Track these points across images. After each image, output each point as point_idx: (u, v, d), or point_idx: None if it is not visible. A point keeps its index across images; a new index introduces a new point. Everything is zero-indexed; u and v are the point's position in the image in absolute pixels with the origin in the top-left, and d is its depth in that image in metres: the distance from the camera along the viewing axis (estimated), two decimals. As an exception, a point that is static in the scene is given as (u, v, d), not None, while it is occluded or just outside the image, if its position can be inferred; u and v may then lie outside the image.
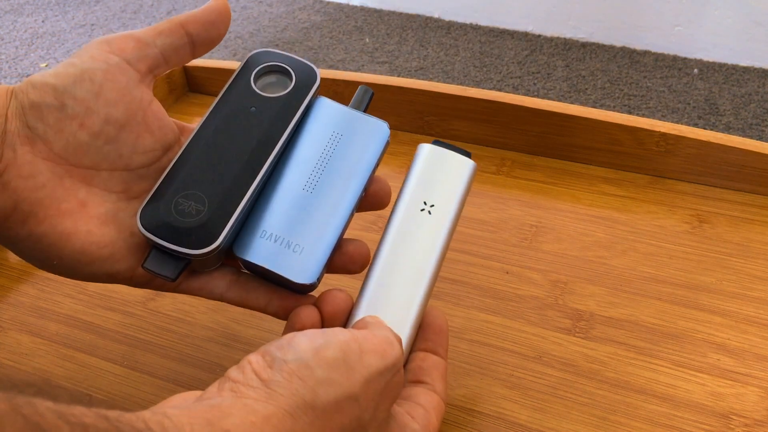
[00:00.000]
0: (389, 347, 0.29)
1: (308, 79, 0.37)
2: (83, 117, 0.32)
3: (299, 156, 0.36)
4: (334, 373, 0.26)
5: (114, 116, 0.33)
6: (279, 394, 0.25)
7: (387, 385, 0.28)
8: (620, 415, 0.37)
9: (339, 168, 0.35)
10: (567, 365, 0.40)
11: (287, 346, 0.27)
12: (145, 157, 0.34)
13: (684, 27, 1.85)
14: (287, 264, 0.33)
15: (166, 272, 0.33)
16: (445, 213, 0.36)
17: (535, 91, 1.73)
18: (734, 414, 0.37)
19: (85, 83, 0.32)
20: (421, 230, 0.36)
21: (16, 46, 2.01)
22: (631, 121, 0.54)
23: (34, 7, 2.26)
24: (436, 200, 0.36)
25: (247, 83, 0.36)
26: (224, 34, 0.36)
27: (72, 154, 0.32)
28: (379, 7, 2.20)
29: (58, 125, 0.32)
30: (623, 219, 0.51)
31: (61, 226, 0.32)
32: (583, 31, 1.97)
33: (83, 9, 2.25)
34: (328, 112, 0.37)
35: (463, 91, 0.58)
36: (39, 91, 0.32)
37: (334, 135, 0.36)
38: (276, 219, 0.34)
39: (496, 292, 0.45)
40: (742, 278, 0.45)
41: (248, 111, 0.36)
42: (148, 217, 0.33)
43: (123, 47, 0.34)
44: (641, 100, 1.68)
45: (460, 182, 0.37)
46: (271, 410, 0.25)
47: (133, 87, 0.34)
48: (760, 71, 1.79)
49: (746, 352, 0.41)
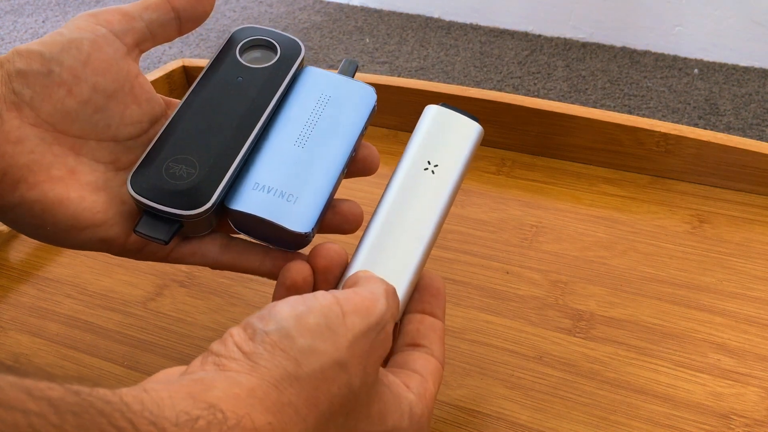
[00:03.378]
0: (372, 304, 0.28)
1: (293, 51, 0.37)
2: (71, 84, 0.33)
3: (289, 116, 0.36)
4: (317, 341, 0.26)
5: (102, 85, 0.33)
6: (262, 366, 0.25)
7: (372, 345, 0.27)
8: (620, 415, 0.37)
9: (328, 126, 0.36)
10: (567, 365, 0.40)
11: (268, 317, 0.26)
12: (133, 129, 0.35)
13: (684, 27, 1.85)
14: (281, 212, 0.33)
15: (158, 235, 0.32)
16: (448, 173, 0.36)
17: (535, 92, 1.73)
18: (734, 414, 0.37)
19: (73, 51, 0.33)
20: (423, 189, 0.35)
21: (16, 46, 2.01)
22: (632, 121, 0.54)
23: (34, 8, 2.26)
24: (440, 160, 0.36)
25: (233, 56, 0.37)
26: (210, 11, 0.36)
27: (60, 121, 0.33)
28: (380, 7, 2.20)
29: (46, 91, 0.32)
30: (623, 219, 0.51)
31: (53, 192, 0.32)
32: (583, 31, 1.97)
33: (83, 9, 2.25)
34: (315, 77, 0.38)
35: (464, 92, 0.58)
36: (25, 59, 0.32)
37: (323, 97, 0.37)
38: (268, 171, 0.34)
39: (496, 293, 0.45)
40: (743, 278, 0.45)
41: (235, 81, 0.36)
42: (138, 182, 0.33)
43: (109, 20, 0.34)
44: (641, 100, 1.68)
45: (465, 144, 0.36)
46: (255, 382, 0.24)
47: (119, 58, 0.34)
48: (761, 71, 1.79)
49: (746, 352, 0.41)
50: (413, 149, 0.36)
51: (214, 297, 0.46)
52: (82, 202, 0.32)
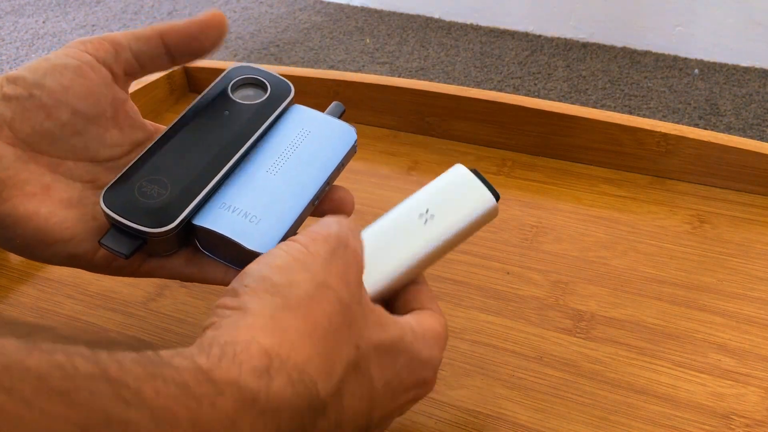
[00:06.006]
0: (326, 229, 0.30)
1: (283, 92, 0.39)
2: (51, 107, 0.33)
3: (267, 147, 0.37)
4: (293, 274, 0.27)
5: (82, 110, 0.34)
6: (252, 309, 0.26)
7: (345, 261, 0.29)
8: (621, 416, 0.37)
9: (304, 158, 0.37)
10: (568, 365, 0.40)
11: (242, 275, 0.28)
12: (112, 151, 0.36)
13: (685, 27, 1.85)
14: (242, 231, 0.34)
15: (120, 249, 0.33)
16: (442, 228, 0.35)
17: (535, 92, 1.73)
18: (735, 414, 0.37)
19: (56, 75, 0.34)
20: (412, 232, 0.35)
21: (17, 47, 2.01)
22: (632, 121, 0.54)
23: (34, 8, 2.26)
24: (440, 214, 0.35)
25: (224, 92, 0.38)
26: (210, 48, 0.36)
27: (38, 142, 0.34)
28: (380, 7, 2.20)
29: (25, 113, 0.33)
30: (624, 219, 0.51)
31: (23, 207, 0.33)
32: (583, 32, 1.97)
33: (84, 10, 2.25)
34: (300, 114, 0.39)
35: (464, 92, 0.58)
36: (12, 84, 0.33)
37: (303, 131, 0.38)
38: (237, 194, 0.35)
39: (496, 293, 0.45)
40: (743, 278, 0.45)
41: (222, 114, 0.37)
42: (110, 197, 0.34)
43: (98, 47, 0.35)
44: (642, 100, 1.68)
45: (472, 213, 0.36)
46: (250, 320, 0.26)
47: (104, 85, 0.35)
48: (761, 71, 1.79)
49: (747, 352, 0.41)
50: (420, 194, 0.36)
51: (214, 297, 0.46)
52: (51, 217, 0.33)
